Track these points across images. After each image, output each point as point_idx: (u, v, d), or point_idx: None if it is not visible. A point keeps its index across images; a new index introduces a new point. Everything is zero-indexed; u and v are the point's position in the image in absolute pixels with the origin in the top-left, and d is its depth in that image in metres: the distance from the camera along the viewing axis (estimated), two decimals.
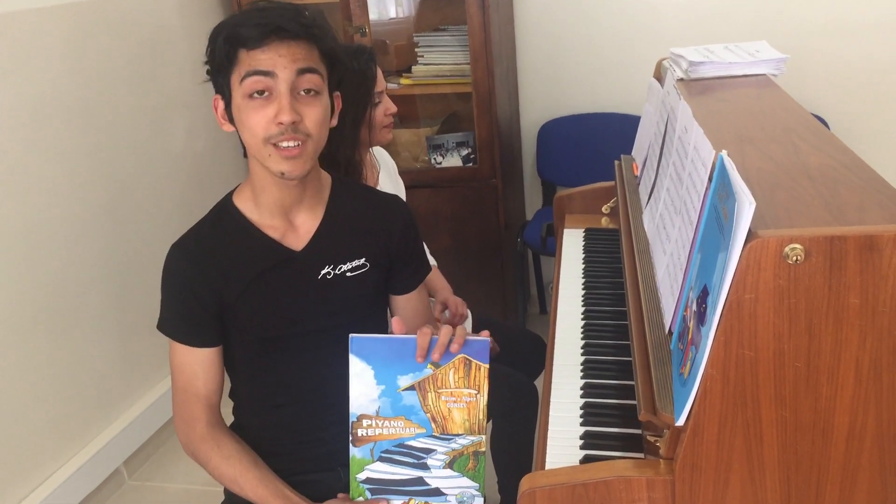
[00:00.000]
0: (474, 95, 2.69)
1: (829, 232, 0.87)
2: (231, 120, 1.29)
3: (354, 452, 1.26)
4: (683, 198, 1.24)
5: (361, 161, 1.78)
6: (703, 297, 0.97)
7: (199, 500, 2.39)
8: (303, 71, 1.23)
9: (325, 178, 1.43)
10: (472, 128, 2.77)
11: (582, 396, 1.34)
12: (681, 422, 0.98)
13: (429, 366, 1.20)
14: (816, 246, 0.87)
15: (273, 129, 1.22)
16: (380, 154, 1.99)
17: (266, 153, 1.24)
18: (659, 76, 1.86)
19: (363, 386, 1.22)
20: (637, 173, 1.80)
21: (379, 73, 1.79)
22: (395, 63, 2.95)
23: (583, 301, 1.66)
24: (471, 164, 2.86)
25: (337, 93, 1.35)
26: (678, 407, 0.99)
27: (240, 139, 1.31)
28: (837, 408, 0.93)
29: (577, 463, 1.17)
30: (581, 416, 1.28)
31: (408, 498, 1.28)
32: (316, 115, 1.25)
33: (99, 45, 2.38)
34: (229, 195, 1.39)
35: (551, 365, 1.44)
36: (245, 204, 1.36)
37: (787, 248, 0.87)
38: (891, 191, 1.01)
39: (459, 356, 1.20)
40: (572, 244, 1.93)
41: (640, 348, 1.22)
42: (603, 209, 2.03)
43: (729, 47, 1.79)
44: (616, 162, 1.97)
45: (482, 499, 1.27)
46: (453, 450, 1.24)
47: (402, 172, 2.09)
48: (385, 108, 1.81)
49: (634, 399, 1.17)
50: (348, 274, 1.39)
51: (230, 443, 1.36)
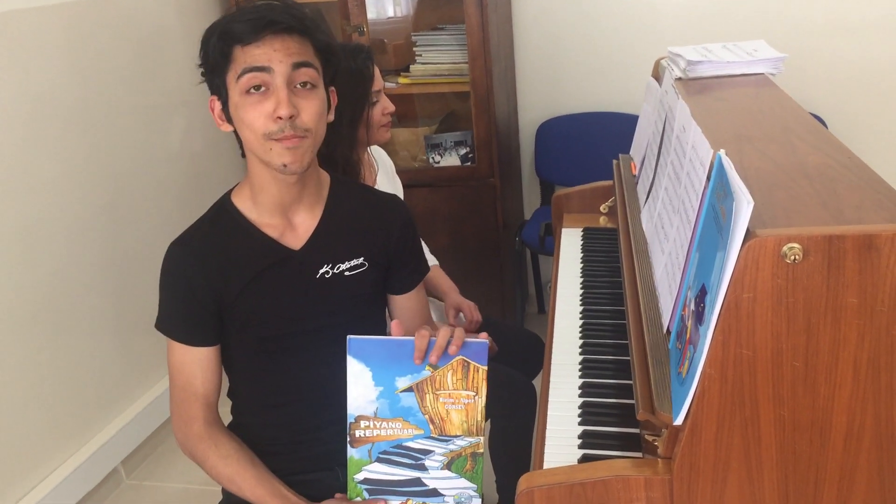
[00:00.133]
0: (472, 95, 2.69)
1: (827, 231, 0.87)
2: (229, 119, 1.29)
3: (352, 453, 1.26)
4: (682, 197, 1.24)
5: (359, 160, 1.78)
6: (702, 296, 0.97)
7: (196, 499, 2.38)
8: (298, 65, 1.23)
9: (324, 177, 1.43)
10: (471, 127, 2.77)
11: (580, 396, 1.34)
12: (679, 421, 0.98)
13: (427, 367, 1.20)
14: (814, 245, 0.87)
15: (272, 126, 1.22)
16: (377, 153, 1.98)
17: (267, 147, 1.24)
18: (657, 75, 1.86)
19: (361, 387, 1.22)
20: (635, 172, 1.80)
21: (377, 72, 1.79)
22: (394, 62, 2.95)
23: (581, 300, 1.66)
24: (469, 164, 2.86)
25: (332, 88, 1.35)
26: (676, 406, 0.99)
27: (237, 138, 1.31)
28: (835, 407, 0.93)
29: (576, 462, 1.17)
30: (579, 416, 1.28)
31: (405, 498, 1.28)
32: (313, 108, 1.25)
33: (97, 44, 2.38)
34: (228, 194, 1.39)
35: (549, 364, 1.44)
36: (244, 203, 1.36)
37: (785, 248, 0.87)
38: (889, 190, 1.01)
39: (458, 358, 1.20)
40: (570, 243, 1.93)
41: (638, 348, 1.22)
42: (601, 208, 2.03)
43: (727, 46, 1.79)
44: (614, 161, 1.97)
45: (480, 500, 1.27)
46: (451, 451, 1.24)
47: (400, 172, 2.08)
48: (383, 108, 1.81)
49: (632, 398, 1.17)
50: (347, 273, 1.39)
51: (228, 442, 1.36)
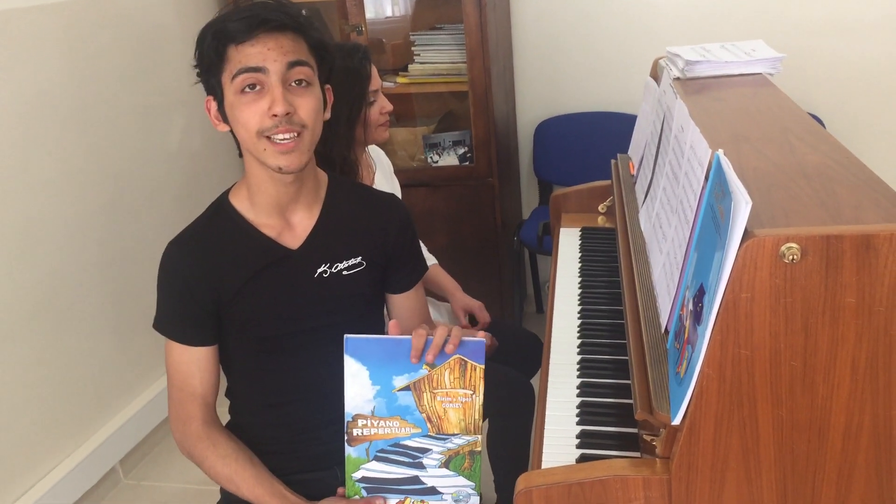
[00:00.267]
0: (471, 94, 2.69)
1: (825, 231, 0.87)
2: (225, 119, 1.29)
3: (350, 452, 1.26)
4: (680, 197, 1.24)
5: (357, 160, 1.78)
6: (700, 296, 0.97)
7: (194, 499, 2.38)
8: (293, 64, 1.23)
9: (322, 176, 1.42)
10: (469, 126, 2.77)
11: (578, 395, 1.33)
12: (677, 421, 0.98)
13: (424, 366, 1.20)
14: (813, 245, 0.87)
15: (267, 122, 1.22)
16: (376, 153, 1.98)
17: (261, 147, 1.24)
18: (655, 75, 1.86)
19: (358, 386, 1.22)
20: (633, 172, 1.80)
21: (374, 71, 1.78)
22: (392, 62, 2.95)
23: (579, 300, 1.66)
24: (467, 163, 2.86)
25: (328, 86, 1.35)
26: (674, 406, 0.99)
27: (234, 138, 1.31)
28: (833, 407, 0.94)
29: (574, 462, 1.17)
30: (577, 415, 1.28)
31: (404, 497, 1.28)
32: (309, 106, 1.25)
33: (96, 43, 2.38)
34: (225, 193, 1.39)
35: (548, 364, 1.44)
36: (241, 202, 1.36)
37: (783, 248, 0.87)
38: (887, 190, 1.01)
39: (455, 357, 1.20)
40: (569, 243, 1.93)
41: (636, 347, 1.22)
42: (599, 208, 2.03)
43: (725, 46, 1.79)
44: (612, 161, 1.97)
45: (478, 497, 1.27)
46: (449, 449, 1.24)
47: (398, 171, 2.08)
48: (381, 107, 1.80)
49: (631, 398, 1.17)
50: (345, 273, 1.39)
51: (226, 442, 1.36)
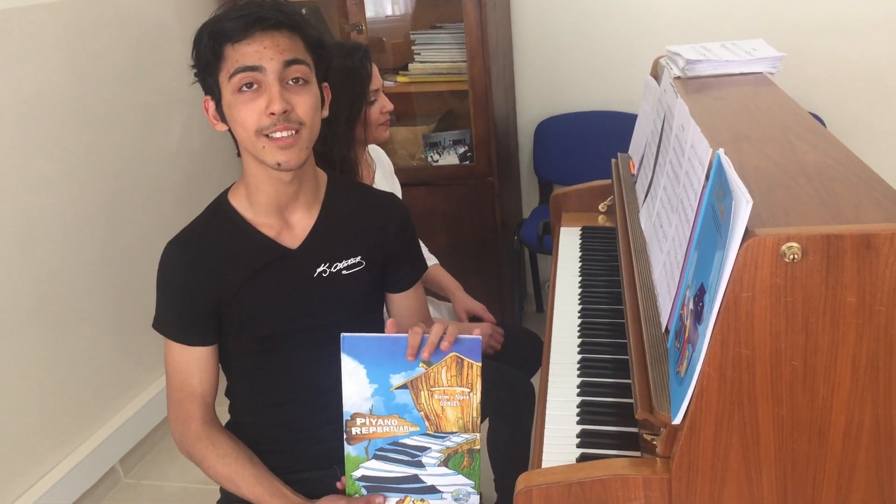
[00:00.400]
0: (471, 93, 2.68)
1: (825, 230, 0.87)
2: (223, 119, 1.29)
3: (349, 450, 1.26)
4: (680, 196, 1.24)
5: (357, 159, 1.77)
6: (700, 295, 0.97)
7: (194, 498, 2.38)
8: (289, 62, 1.23)
9: (321, 175, 1.42)
10: (469, 126, 2.77)
11: (579, 395, 1.33)
12: (677, 420, 0.98)
13: (420, 364, 1.20)
14: (813, 244, 0.87)
15: (265, 121, 1.22)
16: (376, 152, 1.98)
17: (260, 145, 1.24)
18: (656, 74, 1.86)
19: (356, 385, 1.22)
20: (634, 171, 1.79)
21: (375, 70, 1.78)
22: (392, 61, 2.95)
23: (579, 299, 1.66)
24: (467, 162, 2.86)
25: (326, 84, 1.35)
26: (675, 405, 0.99)
27: (233, 138, 1.31)
28: (834, 406, 0.93)
29: (574, 461, 1.17)
30: (578, 415, 1.28)
31: (404, 495, 1.28)
32: (307, 103, 1.25)
33: (95, 42, 2.38)
34: (224, 193, 1.38)
35: (548, 363, 1.44)
36: (240, 202, 1.35)
37: (783, 247, 0.87)
38: (888, 189, 1.01)
39: (451, 354, 1.19)
40: (569, 242, 1.93)
41: (636, 347, 1.22)
42: (600, 207, 2.03)
43: (726, 45, 1.79)
44: (613, 160, 1.97)
45: (478, 496, 1.27)
46: (448, 448, 1.24)
47: (398, 170, 2.08)
48: (381, 106, 1.80)
49: (631, 397, 1.17)
50: (344, 272, 1.39)
51: (225, 441, 1.36)
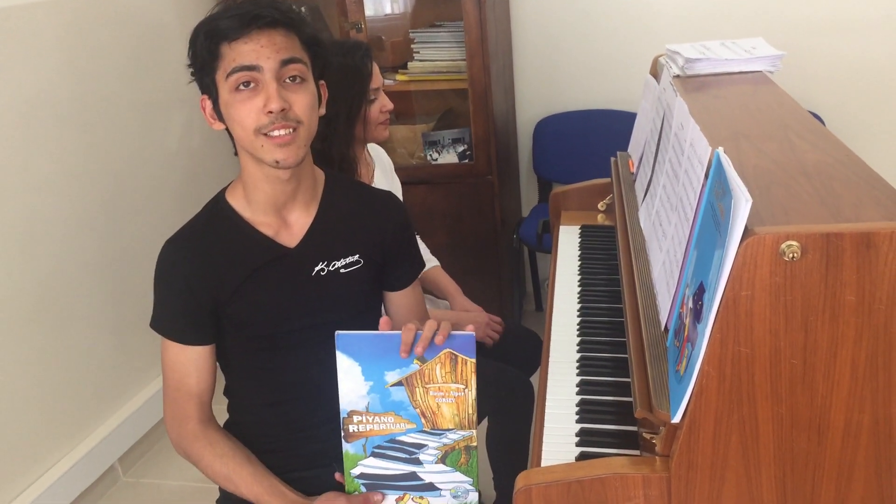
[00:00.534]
0: (470, 92, 2.68)
1: (825, 229, 0.87)
2: (220, 118, 1.28)
3: (347, 448, 1.26)
4: (679, 195, 1.24)
5: (356, 158, 1.77)
6: (700, 294, 0.96)
7: (193, 496, 2.38)
8: (286, 62, 1.23)
9: (319, 174, 1.42)
10: (469, 124, 2.77)
11: (578, 393, 1.33)
12: (677, 419, 0.98)
13: (415, 361, 1.20)
14: (813, 243, 0.87)
15: (263, 119, 1.22)
16: (375, 151, 1.98)
17: (258, 144, 1.24)
18: (655, 73, 1.86)
19: (351, 382, 1.22)
20: (633, 170, 1.79)
21: (376, 69, 1.78)
22: (391, 59, 2.95)
23: (579, 298, 1.66)
24: (467, 161, 2.86)
25: (322, 82, 1.35)
26: (674, 404, 0.99)
27: (230, 136, 1.31)
28: (833, 405, 0.93)
29: (573, 460, 1.17)
30: (577, 413, 1.28)
31: (402, 493, 1.28)
32: (304, 101, 1.25)
33: (94, 41, 2.37)
34: (222, 192, 1.38)
35: (547, 362, 1.44)
36: (238, 201, 1.35)
37: (783, 245, 0.87)
38: (887, 188, 1.01)
39: (445, 351, 1.19)
40: (568, 241, 1.93)
41: (636, 345, 1.22)
42: (599, 206, 2.03)
43: (725, 44, 1.78)
44: (612, 159, 1.97)
45: (476, 494, 1.27)
46: (445, 445, 1.24)
47: (397, 169, 2.07)
48: (381, 105, 1.80)
49: (630, 396, 1.17)
50: (342, 270, 1.39)
51: (223, 440, 1.36)
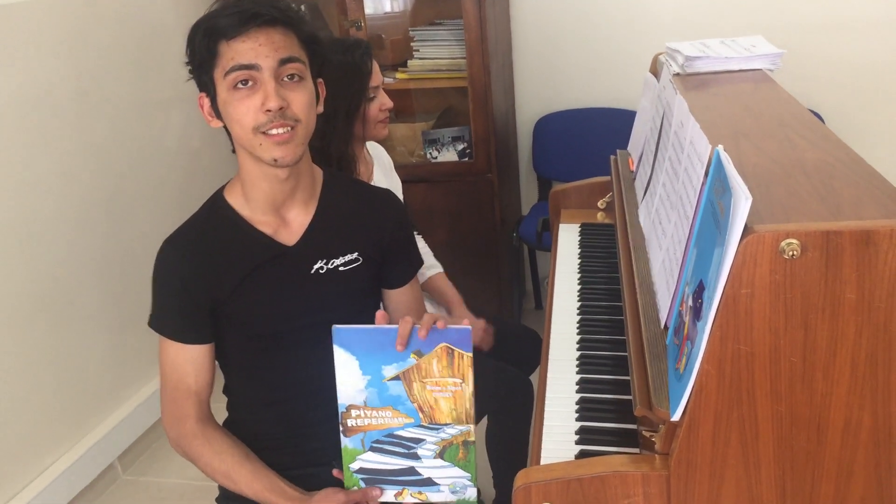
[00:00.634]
0: (470, 90, 2.68)
1: (825, 227, 0.87)
2: (218, 115, 1.28)
3: (346, 443, 1.26)
4: (679, 193, 1.24)
5: (355, 156, 1.77)
6: (699, 292, 0.96)
7: (193, 494, 2.38)
8: (285, 61, 1.23)
9: (317, 172, 1.42)
10: (468, 122, 2.77)
11: (577, 391, 1.33)
12: (676, 417, 0.98)
13: (412, 355, 1.20)
14: (812, 241, 0.87)
15: (262, 118, 1.22)
16: (375, 149, 1.97)
17: (257, 142, 1.24)
18: (655, 71, 1.86)
19: (349, 376, 1.22)
20: (633, 168, 1.79)
21: (376, 67, 1.78)
22: (391, 57, 2.94)
23: (578, 296, 1.66)
24: (466, 159, 2.86)
25: (320, 80, 1.35)
26: (674, 402, 0.99)
27: (228, 134, 1.31)
28: (833, 403, 0.93)
29: (573, 458, 1.17)
30: (576, 411, 1.28)
31: (401, 488, 1.28)
32: (302, 100, 1.25)
33: (95, 39, 2.37)
34: (220, 191, 1.38)
35: (547, 360, 1.44)
36: (236, 199, 1.35)
37: (783, 243, 0.87)
38: (887, 186, 1.01)
39: (441, 345, 1.19)
40: (568, 239, 1.93)
41: (635, 343, 1.22)
42: (599, 204, 2.03)
43: (725, 42, 1.78)
44: (612, 157, 1.97)
45: (475, 490, 1.27)
46: (442, 439, 1.24)
47: (397, 167, 2.07)
48: (381, 104, 1.80)
49: (630, 394, 1.17)
50: (341, 268, 1.39)
51: (221, 438, 1.36)
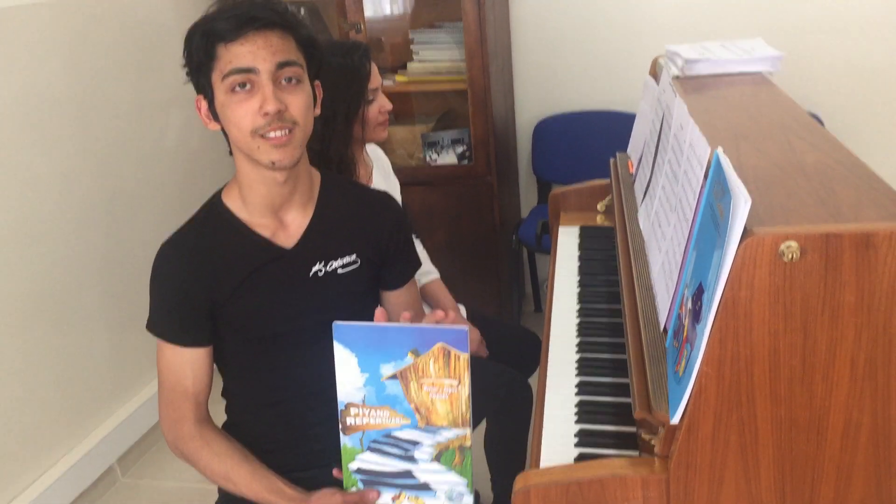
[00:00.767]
0: (469, 93, 2.68)
1: (824, 229, 0.87)
2: (216, 118, 1.28)
3: (345, 441, 1.26)
4: (679, 195, 1.24)
5: (354, 159, 1.77)
6: (699, 294, 0.96)
7: (192, 497, 2.38)
8: (282, 64, 1.23)
9: (315, 174, 1.42)
10: (468, 125, 2.76)
11: (577, 394, 1.33)
12: (676, 420, 0.98)
13: (409, 354, 1.20)
14: (812, 243, 0.87)
15: (259, 121, 1.22)
16: (374, 152, 1.97)
17: (255, 145, 1.24)
18: (655, 73, 1.86)
19: (348, 374, 1.22)
20: (632, 171, 1.79)
21: (374, 70, 1.78)
22: (391, 60, 2.95)
23: (578, 299, 1.66)
24: (466, 162, 2.86)
25: (317, 82, 1.35)
26: (673, 405, 0.99)
27: (225, 137, 1.31)
28: (832, 406, 0.93)
29: (572, 461, 1.17)
30: (576, 414, 1.28)
31: (399, 491, 1.27)
32: (300, 103, 1.25)
33: (94, 41, 2.37)
34: (218, 194, 1.38)
35: (546, 363, 1.44)
36: (234, 202, 1.35)
37: (782, 246, 0.87)
38: (886, 188, 1.01)
39: (438, 345, 1.19)
40: (567, 242, 1.93)
41: (635, 346, 1.22)
42: (598, 207, 2.03)
43: (725, 45, 1.78)
44: (611, 160, 1.97)
45: (471, 497, 1.26)
46: (439, 443, 1.23)
47: (396, 170, 2.07)
48: (380, 106, 1.80)
49: (629, 397, 1.17)
50: (339, 270, 1.39)
51: (219, 440, 1.36)
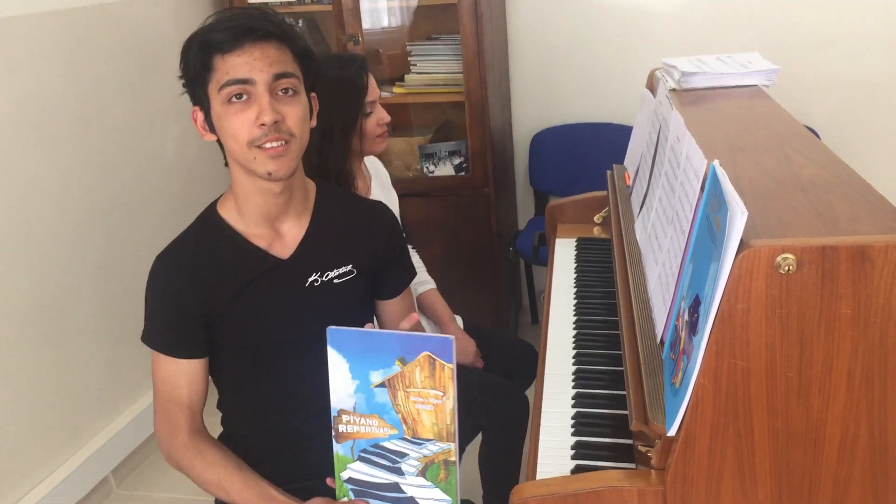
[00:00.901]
0: (467, 105, 2.69)
1: (821, 242, 0.87)
2: (212, 129, 1.29)
3: (337, 449, 1.26)
4: (675, 207, 1.24)
5: (353, 171, 1.77)
6: (695, 306, 0.96)
7: None
8: (279, 76, 1.23)
9: (311, 185, 1.43)
10: (465, 137, 2.77)
11: (573, 406, 1.33)
12: (672, 432, 0.98)
13: (396, 362, 1.20)
14: (808, 256, 0.87)
15: (256, 132, 1.22)
16: (373, 164, 1.97)
17: (251, 156, 1.24)
18: (651, 86, 1.86)
19: (340, 380, 1.22)
20: (629, 183, 1.80)
21: (372, 82, 1.78)
22: (388, 72, 2.95)
23: (574, 310, 1.66)
24: (463, 173, 2.86)
25: (313, 94, 1.36)
26: (670, 417, 0.99)
27: (221, 148, 1.31)
28: (829, 418, 0.93)
29: (569, 473, 1.16)
30: (572, 426, 1.28)
31: None
32: (296, 114, 1.26)
33: (94, 51, 2.38)
34: (213, 205, 1.38)
35: (543, 375, 1.43)
36: (230, 213, 1.35)
37: (779, 258, 0.87)
38: (882, 201, 1.01)
39: (424, 354, 1.19)
40: (564, 253, 1.93)
41: (631, 358, 1.22)
42: (595, 219, 2.03)
43: (721, 58, 1.79)
44: (608, 172, 1.97)
45: None
46: (424, 455, 1.23)
47: (394, 181, 2.07)
48: (378, 118, 1.80)
49: (626, 409, 1.17)
50: (336, 280, 1.39)
51: (213, 450, 1.35)
